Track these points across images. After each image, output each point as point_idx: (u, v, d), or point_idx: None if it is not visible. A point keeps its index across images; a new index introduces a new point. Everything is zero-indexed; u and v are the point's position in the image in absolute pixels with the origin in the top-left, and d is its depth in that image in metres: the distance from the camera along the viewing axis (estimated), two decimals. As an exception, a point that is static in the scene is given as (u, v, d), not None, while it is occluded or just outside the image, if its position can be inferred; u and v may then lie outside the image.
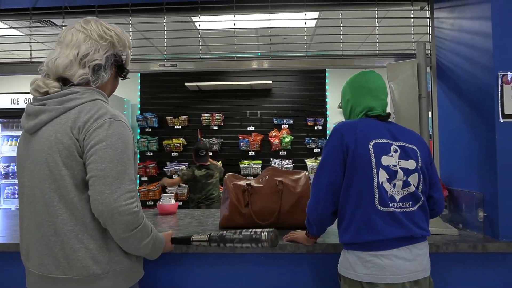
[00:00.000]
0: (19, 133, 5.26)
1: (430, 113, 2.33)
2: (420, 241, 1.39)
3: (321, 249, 1.66)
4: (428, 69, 2.35)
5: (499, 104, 1.74)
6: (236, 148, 5.57)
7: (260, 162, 5.46)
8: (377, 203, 1.33)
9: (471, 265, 1.72)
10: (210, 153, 5.31)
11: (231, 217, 1.94)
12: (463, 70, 2.02)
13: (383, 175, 1.35)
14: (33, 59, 2.58)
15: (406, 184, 1.38)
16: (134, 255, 1.29)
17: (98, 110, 1.20)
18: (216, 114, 5.55)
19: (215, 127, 5.60)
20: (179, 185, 5.50)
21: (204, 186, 4.19)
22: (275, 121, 5.55)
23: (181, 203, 5.31)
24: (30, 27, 2.63)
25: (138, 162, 5.62)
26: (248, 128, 5.58)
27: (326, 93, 5.63)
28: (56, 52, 1.26)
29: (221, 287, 1.73)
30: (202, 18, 2.61)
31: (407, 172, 1.38)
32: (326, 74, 5.63)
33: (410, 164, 1.39)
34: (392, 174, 1.36)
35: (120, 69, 1.37)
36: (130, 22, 2.57)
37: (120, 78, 1.41)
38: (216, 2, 2.49)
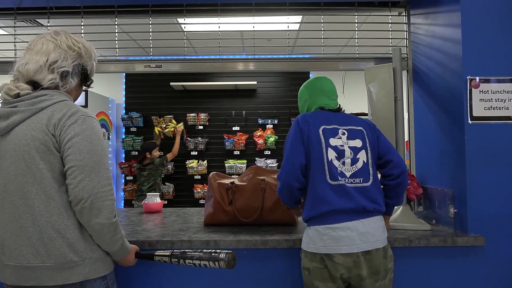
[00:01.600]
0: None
1: (407, 114, 2.44)
2: (375, 215, 1.54)
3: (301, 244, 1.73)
4: (405, 72, 2.46)
5: (468, 106, 1.85)
6: (221, 148, 5.62)
7: (245, 161, 5.52)
8: (327, 178, 1.52)
9: (442, 258, 1.83)
10: (161, 152, 5.53)
11: (215, 215, 2.01)
12: (436, 74, 2.13)
13: (331, 154, 1.56)
14: (17, 59, 2.58)
15: (354, 161, 1.57)
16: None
17: (70, 108, 1.31)
18: (202, 114, 5.59)
19: (201, 127, 5.64)
20: (165, 184, 5.52)
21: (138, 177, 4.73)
22: (260, 121, 5.62)
23: (166, 202, 5.34)
24: (14, 26, 2.63)
25: (123, 161, 5.61)
26: (233, 128, 5.64)
27: (310, 94, 5.72)
28: (25, 58, 1.36)
29: (205, 283, 1.79)
30: (188, 20, 2.66)
31: (355, 149, 1.59)
32: (310, 75, 5.73)
33: (357, 142, 1.60)
34: (340, 153, 1.57)
35: (84, 78, 1.47)
36: (116, 23, 2.60)
37: (84, 87, 1.51)
38: (201, 4, 2.55)
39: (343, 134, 1.61)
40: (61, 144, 1.27)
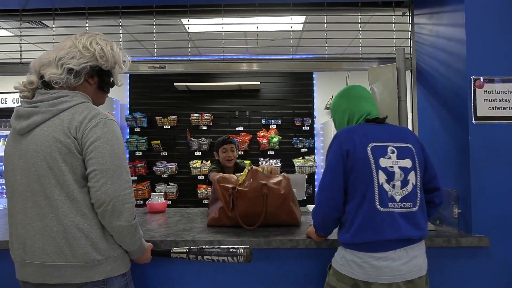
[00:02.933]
0: (7, 132, 5.23)
1: (411, 114, 2.44)
2: (418, 242, 1.45)
3: (304, 244, 1.73)
4: (409, 72, 2.46)
5: (472, 107, 1.85)
6: (225, 148, 5.62)
7: (249, 161, 5.51)
8: (377, 204, 1.39)
9: (446, 259, 1.82)
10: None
11: (220, 219, 2.01)
12: (440, 74, 2.13)
13: (382, 177, 1.41)
14: (23, 60, 2.61)
15: (404, 183, 1.43)
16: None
17: (91, 111, 1.32)
18: (205, 114, 5.60)
19: (204, 127, 5.65)
20: (169, 184, 5.54)
21: None
22: (264, 121, 5.62)
23: (170, 202, 5.35)
24: (20, 28, 2.65)
25: (128, 161, 5.63)
26: (237, 128, 5.64)
27: (313, 94, 5.73)
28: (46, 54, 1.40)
29: (208, 283, 1.80)
30: (191, 21, 2.67)
31: (405, 170, 1.44)
32: (313, 76, 5.73)
33: (407, 162, 1.45)
34: (390, 175, 1.41)
35: (102, 82, 1.45)
36: (120, 24, 2.61)
37: (104, 91, 1.48)
38: (205, 5, 2.55)
39: (393, 152, 1.44)
40: (83, 147, 1.28)
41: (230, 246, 1.46)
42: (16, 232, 1.32)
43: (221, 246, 1.47)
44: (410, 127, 2.39)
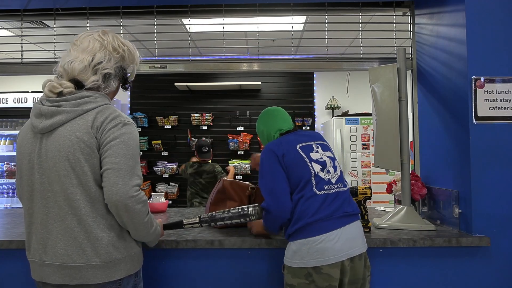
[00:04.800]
0: (8, 132, 5.24)
1: (411, 114, 2.44)
2: (354, 220, 1.58)
3: (305, 244, 1.73)
4: (410, 72, 2.46)
5: (473, 107, 1.85)
6: (226, 148, 5.63)
7: (249, 161, 5.53)
8: (314, 189, 1.55)
9: (446, 258, 1.83)
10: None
11: None
12: (440, 74, 2.13)
13: (317, 167, 1.60)
14: (24, 60, 2.61)
15: (335, 169, 1.65)
16: (140, 242, 1.44)
17: (112, 113, 1.33)
18: (206, 114, 5.61)
19: (205, 127, 5.66)
20: (169, 184, 5.55)
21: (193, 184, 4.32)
22: (264, 121, 5.62)
23: (171, 202, 5.36)
24: (21, 28, 2.66)
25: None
26: (238, 128, 5.65)
27: (314, 94, 5.73)
28: (71, 55, 1.36)
29: (209, 283, 1.80)
30: (192, 21, 2.67)
31: (331, 159, 1.67)
32: (314, 76, 5.73)
33: (329, 154, 1.69)
34: (323, 164, 1.62)
35: (123, 81, 1.49)
36: (121, 24, 2.62)
37: (124, 88, 1.53)
38: (206, 5, 2.56)
39: (317, 147, 1.68)
40: (100, 146, 1.29)
41: (240, 208, 1.52)
42: (36, 232, 1.31)
43: (232, 210, 1.53)
44: (410, 127, 2.39)
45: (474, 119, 1.85)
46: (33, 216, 1.32)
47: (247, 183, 2.07)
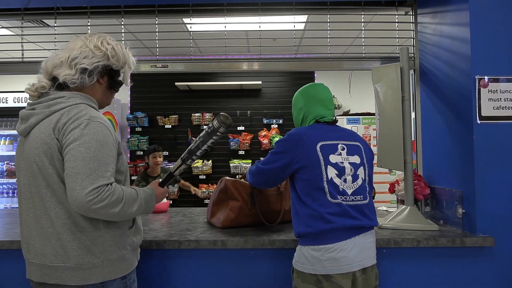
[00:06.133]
0: (7, 132, 5.23)
1: (414, 114, 2.43)
2: (369, 231, 1.53)
3: (308, 244, 1.72)
4: (412, 72, 2.45)
5: (477, 106, 1.84)
6: (226, 148, 5.62)
7: (250, 161, 5.52)
8: (328, 196, 1.47)
9: (450, 259, 1.82)
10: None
11: (237, 218, 1.98)
12: (443, 74, 2.12)
13: (332, 171, 1.50)
14: (24, 59, 2.60)
15: (355, 177, 1.53)
16: (127, 246, 1.37)
17: (79, 112, 1.28)
18: (207, 114, 5.59)
19: (205, 127, 5.63)
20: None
21: None
22: (265, 121, 5.61)
23: (171, 202, 5.34)
24: (22, 27, 2.64)
25: (128, 160, 5.62)
26: (238, 128, 5.64)
27: (315, 94, 5.71)
28: (56, 55, 1.39)
29: (212, 283, 1.79)
30: (193, 20, 2.66)
31: (355, 166, 1.54)
32: (315, 75, 5.72)
33: (356, 159, 1.56)
34: (341, 170, 1.51)
35: (112, 81, 1.45)
36: (122, 23, 2.60)
37: (112, 91, 1.49)
38: (207, 4, 2.54)
39: (343, 149, 1.55)
40: (63, 148, 1.25)
41: (207, 127, 1.50)
42: (21, 231, 1.35)
43: (200, 135, 1.52)
44: (413, 127, 2.38)
45: (478, 118, 1.84)
46: (20, 216, 1.35)
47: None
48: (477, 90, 1.84)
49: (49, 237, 1.27)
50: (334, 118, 1.68)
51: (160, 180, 1.54)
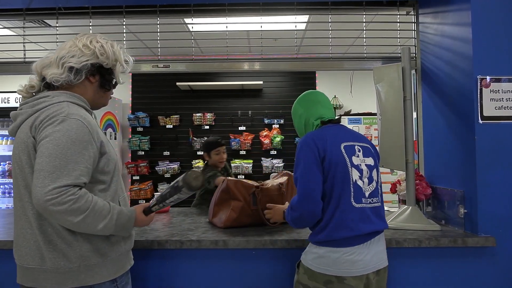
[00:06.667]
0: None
1: (415, 114, 2.43)
2: (381, 233, 1.53)
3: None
4: (414, 72, 2.44)
5: (478, 106, 1.84)
6: (227, 148, 5.62)
7: (251, 161, 5.52)
8: (352, 200, 1.44)
9: (452, 259, 1.82)
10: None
11: (239, 218, 1.98)
12: (445, 74, 2.12)
13: (355, 174, 1.46)
14: (26, 59, 2.60)
15: (370, 180, 1.50)
16: (111, 252, 1.31)
17: (58, 110, 1.25)
18: (208, 114, 5.59)
19: (207, 127, 5.65)
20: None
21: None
22: (266, 121, 5.61)
23: (172, 202, 5.34)
24: (23, 27, 2.65)
25: (130, 160, 5.63)
26: (239, 128, 5.64)
27: (316, 94, 5.71)
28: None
29: (213, 283, 1.79)
30: (195, 20, 2.66)
31: (370, 168, 1.51)
32: (316, 75, 5.71)
33: (370, 161, 1.53)
34: (361, 172, 1.48)
35: (103, 80, 1.42)
36: (124, 23, 2.61)
37: (106, 90, 1.45)
38: (209, 5, 2.55)
39: (359, 151, 1.51)
40: (36, 146, 1.23)
41: (174, 182, 1.36)
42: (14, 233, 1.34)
43: (170, 185, 1.38)
44: (414, 127, 2.38)
45: (479, 118, 1.83)
46: (14, 217, 1.35)
47: (252, 182, 2.06)
48: (478, 90, 1.84)
49: (28, 238, 1.25)
50: (337, 117, 1.65)
51: (149, 205, 1.42)
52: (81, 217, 1.18)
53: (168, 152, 5.63)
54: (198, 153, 5.58)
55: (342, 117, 4.98)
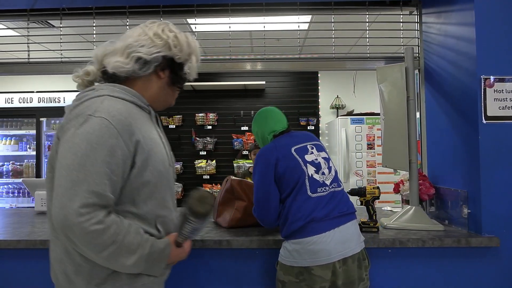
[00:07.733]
0: (13, 132, 5.26)
1: (418, 114, 2.42)
2: (350, 221, 1.57)
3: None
4: (417, 72, 2.44)
5: (482, 106, 1.83)
6: (230, 148, 5.63)
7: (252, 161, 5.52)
8: (308, 192, 1.56)
9: (455, 259, 1.81)
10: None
11: (243, 218, 1.97)
12: (449, 74, 2.11)
13: (311, 169, 1.61)
14: (30, 60, 2.61)
15: (329, 169, 1.65)
16: (132, 283, 1.09)
17: (88, 106, 1.05)
18: (210, 114, 5.60)
19: (209, 127, 5.66)
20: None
21: None
22: (269, 121, 5.61)
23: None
24: (27, 28, 2.66)
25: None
26: (242, 128, 5.64)
27: (318, 94, 5.71)
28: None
29: (217, 282, 1.80)
30: (198, 20, 2.67)
31: (326, 160, 1.68)
32: (318, 75, 5.71)
33: (324, 154, 1.69)
34: (318, 166, 1.62)
35: (175, 76, 1.25)
36: (127, 24, 2.62)
37: (176, 88, 1.30)
38: (212, 5, 2.55)
39: (312, 148, 1.68)
40: None
41: (183, 212, 1.12)
42: None
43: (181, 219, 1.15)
44: (418, 127, 2.37)
45: (483, 118, 1.83)
46: None
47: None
48: (482, 90, 1.84)
49: (52, 262, 1.13)
50: (287, 126, 1.82)
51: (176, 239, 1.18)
52: (107, 252, 0.99)
53: (171, 152, 5.63)
54: (200, 153, 5.59)
55: (345, 117, 4.97)
